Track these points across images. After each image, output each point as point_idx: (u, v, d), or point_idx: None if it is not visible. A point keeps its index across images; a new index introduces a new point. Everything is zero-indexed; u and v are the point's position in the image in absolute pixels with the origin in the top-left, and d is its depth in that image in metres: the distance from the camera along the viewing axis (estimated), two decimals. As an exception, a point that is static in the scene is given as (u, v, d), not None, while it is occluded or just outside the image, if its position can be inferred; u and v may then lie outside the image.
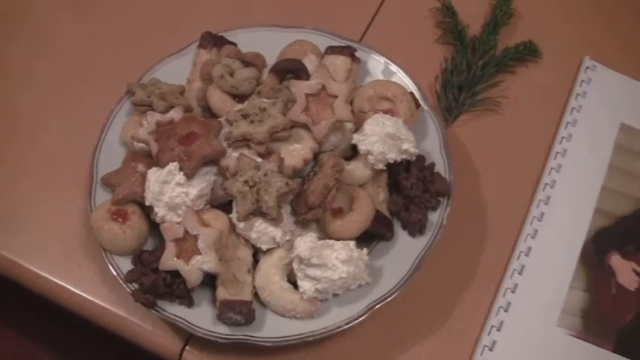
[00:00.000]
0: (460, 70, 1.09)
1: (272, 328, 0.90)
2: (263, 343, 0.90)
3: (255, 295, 0.92)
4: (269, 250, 0.92)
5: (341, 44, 1.04)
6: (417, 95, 1.01)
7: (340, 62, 1.01)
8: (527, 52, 1.12)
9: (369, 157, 0.94)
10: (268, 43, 1.05)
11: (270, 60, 1.03)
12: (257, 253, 0.94)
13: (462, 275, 0.99)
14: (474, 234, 1.01)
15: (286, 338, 0.90)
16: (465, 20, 1.14)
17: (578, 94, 1.10)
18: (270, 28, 1.07)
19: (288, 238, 0.91)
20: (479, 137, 1.07)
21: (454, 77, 1.09)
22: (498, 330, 0.96)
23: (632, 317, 0.98)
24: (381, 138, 0.93)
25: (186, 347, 0.94)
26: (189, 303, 0.91)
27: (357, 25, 1.14)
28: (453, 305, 0.97)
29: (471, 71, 1.09)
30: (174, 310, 0.91)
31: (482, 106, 1.08)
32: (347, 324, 0.90)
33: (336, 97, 0.94)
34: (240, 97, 0.98)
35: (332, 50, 1.03)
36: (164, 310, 0.90)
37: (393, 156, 0.94)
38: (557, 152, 1.06)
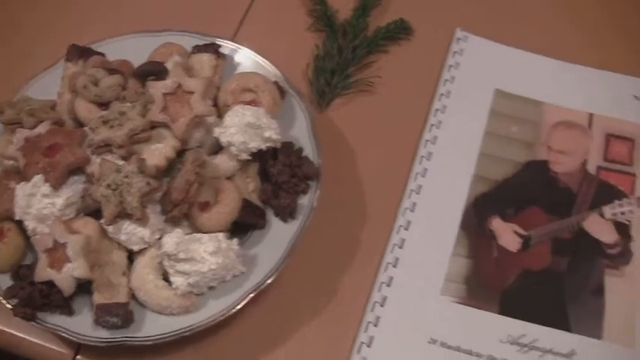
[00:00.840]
0: (331, 55, 1.10)
1: (151, 327, 0.91)
2: (143, 343, 0.90)
3: (135, 296, 0.93)
4: (142, 251, 0.93)
5: (207, 42, 1.05)
6: (282, 83, 1.02)
7: (205, 59, 1.03)
8: (399, 31, 1.14)
9: (232, 148, 0.95)
10: (138, 50, 1.06)
11: (141, 66, 1.05)
12: (135, 255, 0.95)
13: (344, 255, 0.99)
14: (353, 214, 1.02)
15: (164, 335, 0.90)
16: (334, 6, 1.15)
17: (450, 66, 1.12)
18: (138, 35, 1.08)
19: (157, 236, 0.92)
20: (354, 119, 1.08)
21: (326, 62, 1.10)
22: (382, 305, 0.96)
23: (515, 278, 0.98)
24: (241, 128, 0.94)
25: (77, 356, 0.95)
26: (69, 312, 0.92)
27: (230, 23, 1.16)
28: (335, 286, 0.98)
29: (343, 55, 1.10)
30: (55, 320, 0.91)
31: (355, 88, 1.10)
32: (223, 315, 0.91)
33: (192, 93, 0.95)
34: (106, 105, 0.99)
35: (197, 49, 1.04)
36: (45, 322, 0.91)
37: (255, 145, 0.95)
38: (432, 124, 1.07)
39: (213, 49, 1.03)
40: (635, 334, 0.95)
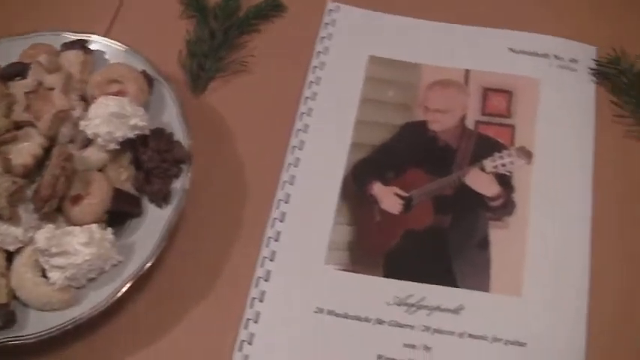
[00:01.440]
0: (203, 39, 1.11)
1: (35, 325, 0.91)
2: (26, 341, 0.90)
3: (17, 296, 0.93)
4: (19, 250, 0.93)
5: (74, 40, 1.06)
6: (150, 72, 1.03)
7: (73, 56, 1.03)
8: (271, 8, 1.14)
9: (98, 139, 0.95)
10: (8, 54, 1.06)
11: (12, 70, 1.04)
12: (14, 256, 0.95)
13: (226, 235, 1.00)
14: (233, 193, 1.02)
15: (47, 331, 0.90)
16: (206, -10, 1.16)
17: (323, 37, 1.12)
18: (6, 39, 1.08)
19: (32, 234, 0.92)
20: (232, 100, 1.08)
21: (197, 47, 1.10)
22: (266, 280, 0.97)
23: (398, 239, 0.99)
24: (106, 119, 0.94)
25: (-30, 363, 0.95)
26: (-48, 323, 0.92)
27: (103, 19, 1.15)
28: (220, 266, 0.98)
29: (215, 38, 1.11)
30: (-64, 330, 0.92)
31: (230, 70, 1.10)
32: (104, 305, 0.91)
33: (54, 89, 0.96)
34: (-26, 112, 0.99)
35: (65, 46, 1.05)
36: None
37: (122, 134, 0.95)
38: (307, 97, 1.08)
39: (79, 45, 1.04)
40: (522, 282, 0.95)
